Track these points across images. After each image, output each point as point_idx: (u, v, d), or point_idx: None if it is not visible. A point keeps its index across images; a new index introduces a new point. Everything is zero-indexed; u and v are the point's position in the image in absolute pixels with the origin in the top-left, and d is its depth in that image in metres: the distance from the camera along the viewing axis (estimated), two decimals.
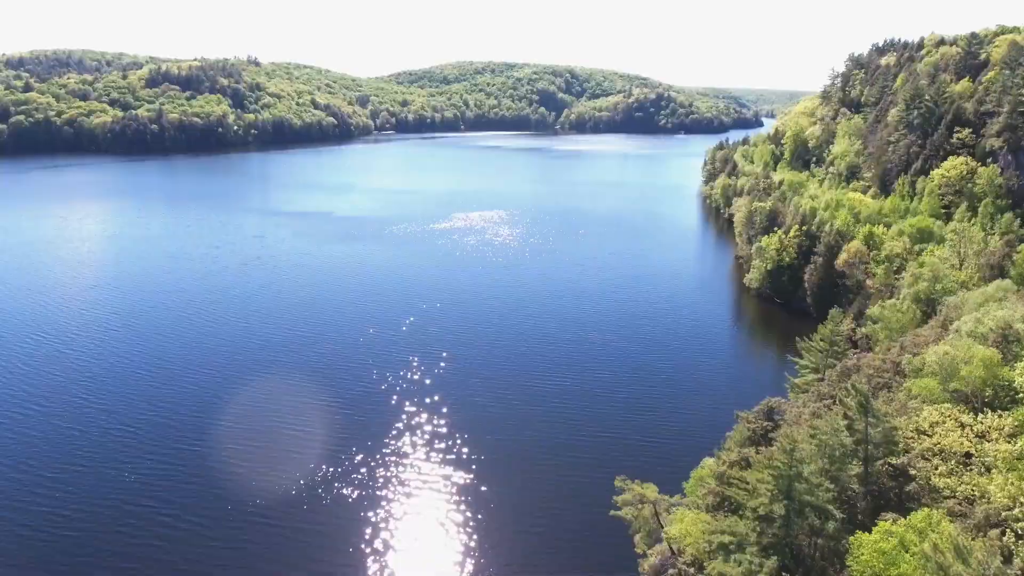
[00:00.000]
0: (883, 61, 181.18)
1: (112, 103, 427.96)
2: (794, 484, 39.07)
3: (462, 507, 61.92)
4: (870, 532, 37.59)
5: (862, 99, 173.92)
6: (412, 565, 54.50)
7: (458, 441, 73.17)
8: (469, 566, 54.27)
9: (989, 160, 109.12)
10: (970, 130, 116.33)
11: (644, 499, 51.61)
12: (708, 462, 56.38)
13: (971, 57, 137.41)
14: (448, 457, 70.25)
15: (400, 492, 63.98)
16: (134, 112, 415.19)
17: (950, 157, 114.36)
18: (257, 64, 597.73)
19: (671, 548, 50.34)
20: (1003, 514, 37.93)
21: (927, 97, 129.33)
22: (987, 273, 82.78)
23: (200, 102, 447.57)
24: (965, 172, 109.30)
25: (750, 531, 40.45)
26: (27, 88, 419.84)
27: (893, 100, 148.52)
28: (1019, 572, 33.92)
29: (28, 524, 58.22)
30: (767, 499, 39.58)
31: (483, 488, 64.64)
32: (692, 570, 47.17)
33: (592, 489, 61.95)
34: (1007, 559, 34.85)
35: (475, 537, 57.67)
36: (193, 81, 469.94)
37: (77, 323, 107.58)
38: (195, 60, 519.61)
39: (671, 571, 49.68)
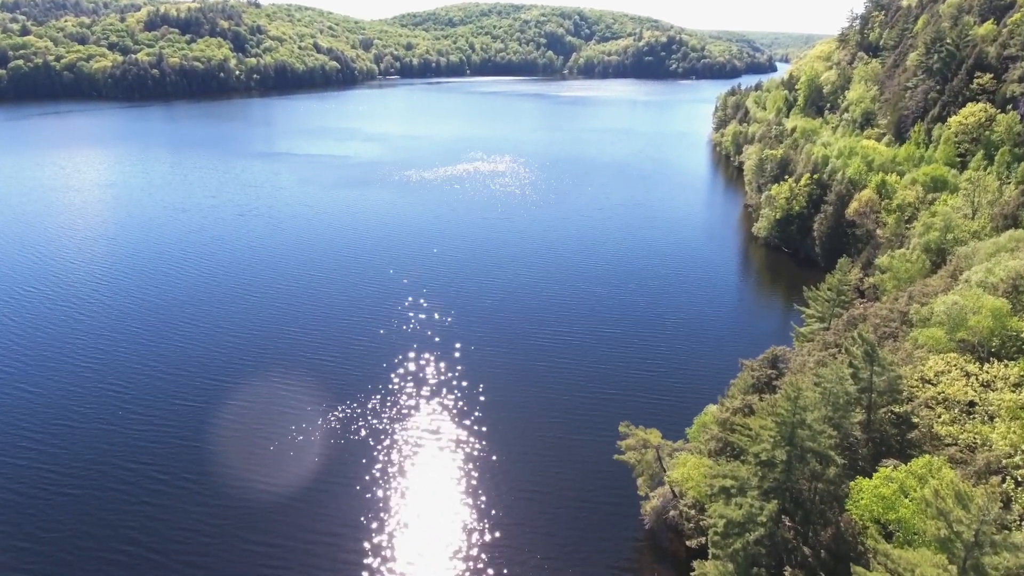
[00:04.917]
0: (904, 2, 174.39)
1: (111, 47, 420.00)
2: (796, 431, 39.35)
3: (469, 454, 63.09)
4: (870, 478, 38.10)
5: (881, 43, 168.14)
6: (421, 512, 55.83)
7: (464, 390, 74.04)
8: (476, 510, 55.59)
9: (1009, 107, 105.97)
10: (991, 75, 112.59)
11: (647, 444, 52.40)
12: (711, 408, 56.97)
13: None
14: (454, 406, 71.20)
15: (406, 442, 65.06)
16: (134, 56, 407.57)
17: (969, 104, 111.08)
18: (257, 5, 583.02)
19: (673, 491, 51.35)
20: (1003, 462, 38.36)
21: (948, 40, 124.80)
22: (1000, 223, 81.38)
23: (200, 46, 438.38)
24: (983, 119, 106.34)
25: (751, 475, 40.99)
26: (24, 32, 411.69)
27: (913, 43, 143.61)
28: (1018, 518, 34.44)
29: (16, 485, 57.11)
30: (769, 445, 39.96)
31: (489, 433, 65.72)
32: (693, 512, 48.23)
33: (596, 434, 63.08)
34: (1006, 505, 35.38)
35: (482, 481, 58.90)
36: (192, 23, 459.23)
37: (73, 275, 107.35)
38: (194, 1, 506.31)
39: (672, 513, 50.85)
